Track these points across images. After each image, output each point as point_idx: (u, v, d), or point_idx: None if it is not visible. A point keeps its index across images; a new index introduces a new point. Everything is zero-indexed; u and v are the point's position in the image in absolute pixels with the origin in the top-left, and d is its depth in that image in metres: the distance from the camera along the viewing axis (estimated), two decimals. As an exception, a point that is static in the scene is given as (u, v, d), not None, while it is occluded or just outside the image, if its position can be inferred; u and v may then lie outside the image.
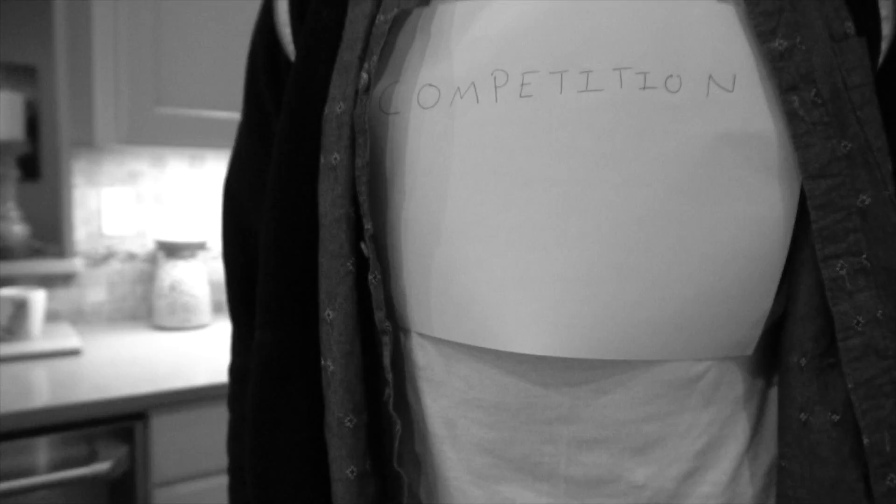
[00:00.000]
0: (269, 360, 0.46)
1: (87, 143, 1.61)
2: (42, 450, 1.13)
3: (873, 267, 0.39)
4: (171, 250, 1.63)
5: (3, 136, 1.56)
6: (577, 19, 0.39)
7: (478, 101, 0.40)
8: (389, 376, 0.43)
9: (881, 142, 0.39)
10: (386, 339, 0.43)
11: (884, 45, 0.42)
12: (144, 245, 1.71)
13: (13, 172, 1.60)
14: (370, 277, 0.42)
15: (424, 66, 0.41)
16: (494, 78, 0.40)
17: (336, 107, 0.43)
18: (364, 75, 0.41)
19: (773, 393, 0.45)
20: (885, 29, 0.41)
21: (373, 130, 0.42)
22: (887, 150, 0.39)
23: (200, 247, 1.66)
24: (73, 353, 1.40)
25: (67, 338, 1.46)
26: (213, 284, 1.79)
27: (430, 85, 0.41)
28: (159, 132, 1.41)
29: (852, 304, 0.38)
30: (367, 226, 0.42)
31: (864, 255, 0.38)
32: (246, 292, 0.54)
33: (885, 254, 0.39)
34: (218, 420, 1.27)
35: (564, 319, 0.38)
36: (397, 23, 0.43)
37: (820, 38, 0.39)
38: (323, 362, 0.44)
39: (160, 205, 1.72)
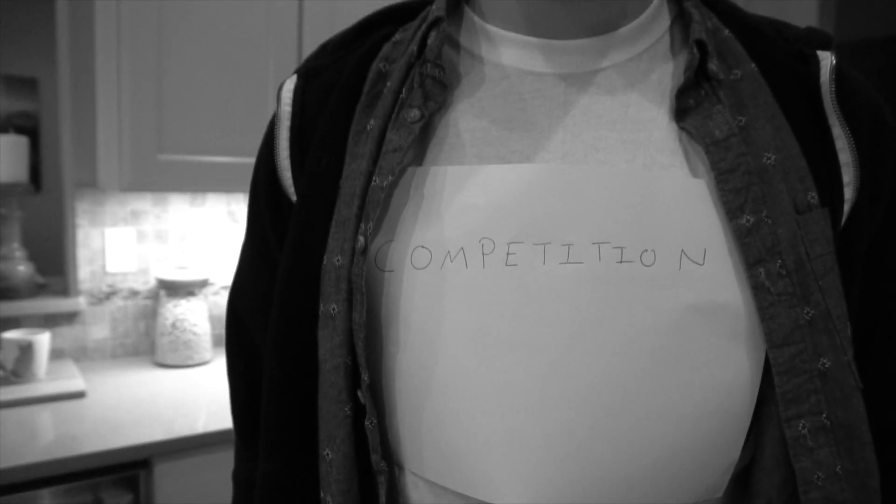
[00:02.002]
0: (271, 491, 0.49)
1: (91, 185, 1.64)
2: (47, 501, 1.16)
3: (833, 425, 0.42)
4: (173, 288, 1.66)
5: (8, 178, 1.59)
6: (560, 194, 0.42)
7: (466, 266, 0.43)
8: None
9: (840, 309, 0.42)
10: (382, 479, 0.45)
11: (846, 207, 0.45)
12: (147, 282, 1.74)
13: (18, 213, 1.63)
14: (367, 423, 0.45)
15: (417, 227, 0.44)
16: (482, 245, 0.42)
17: (334, 259, 0.45)
18: (361, 238, 0.44)
19: None
20: (847, 193, 0.45)
21: (369, 285, 0.45)
22: (846, 316, 0.42)
23: (201, 285, 1.69)
24: (78, 395, 1.43)
25: (72, 379, 1.49)
26: (213, 319, 1.82)
27: (423, 247, 0.44)
28: (161, 178, 1.44)
29: (813, 461, 0.41)
30: (364, 376, 0.44)
31: (825, 415, 0.41)
32: (250, 406, 0.57)
33: (844, 413, 0.42)
34: (220, 465, 1.30)
35: (546, 476, 0.41)
36: (393, 183, 0.46)
37: (785, 211, 0.42)
38: (322, 495, 0.47)
39: (162, 243, 1.75)
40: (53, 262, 1.98)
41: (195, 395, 1.47)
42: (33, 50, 4.00)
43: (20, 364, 1.45)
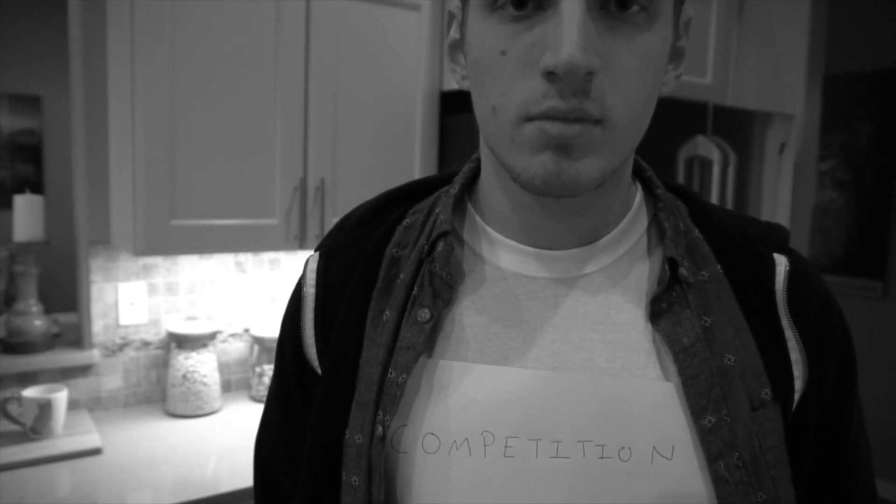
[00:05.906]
0: None
1: (105, 242, 1.71)
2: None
3: None
4: (183, 341, 1.72)
5: (24, 237, 1.65)
6: (550, 397, 0.49)
7: (470, 455, 0.50)
8: None
9: (789, 494, 0.49)
10: None
11: (797, 396, 0.52)
12: (157, 333, 1.80)
13: (34, 270, 1.69)
14: None
15: (428, 415, 0.51)
16: (484, 437, 0.50)
17: (356, 436, 0.52)
18: (379, 427, 0.51)
19: None
20: (797, 385, 0.52)
21: (386, 463, 0.52)
22: (794, 499, 0.49)
23: (210, 337, 1.76)
24: (95, 452, 1.49)
25: (88, 434, 1.56)
26: (221, 367, 1.89)
27: (432, 434, 0.51)
28: (173, 242, 1.51)
29: None
30: None
31: None
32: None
33: None
34: (232, 523, 1.37)
35: None
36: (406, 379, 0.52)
37: (742, 409, 0.49)
38: None
39: (173, 294, 1.82)
40: (66, 303, 2.05)
41: (207, 449, 1.54)
42: (37, 69, 4.08)
43: (39, 421, 1.52)
